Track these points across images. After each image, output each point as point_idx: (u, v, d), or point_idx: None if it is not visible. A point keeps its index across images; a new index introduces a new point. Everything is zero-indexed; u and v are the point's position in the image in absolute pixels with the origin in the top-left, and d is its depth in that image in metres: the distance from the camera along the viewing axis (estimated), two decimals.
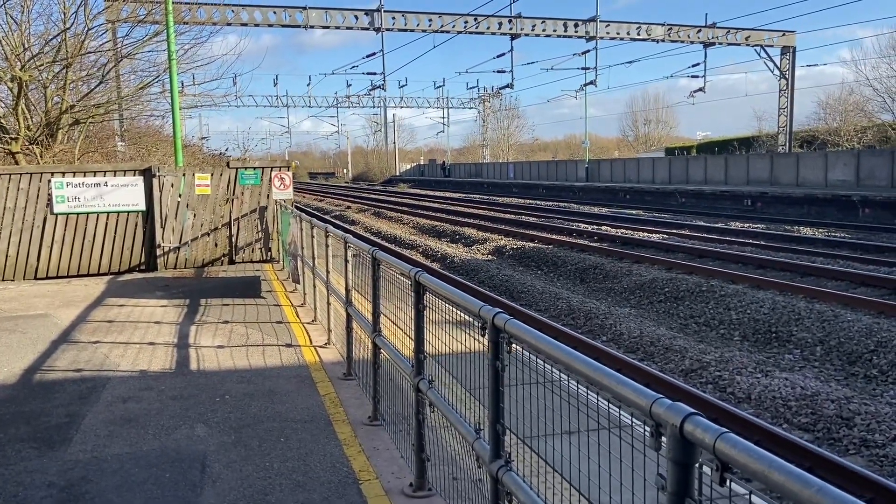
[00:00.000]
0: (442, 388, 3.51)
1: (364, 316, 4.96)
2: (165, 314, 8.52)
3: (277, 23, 29.80)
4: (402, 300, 4.04)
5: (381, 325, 4.59)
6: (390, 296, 4.37)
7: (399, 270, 3.91)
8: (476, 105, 67.26)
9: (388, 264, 4.28)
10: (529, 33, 31.68)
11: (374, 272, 4.53)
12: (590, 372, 1.93)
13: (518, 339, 2.43)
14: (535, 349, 2.26)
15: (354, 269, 5.50)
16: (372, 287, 4.54)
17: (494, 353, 2.60)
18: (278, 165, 12.99)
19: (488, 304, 3.09)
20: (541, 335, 2.27)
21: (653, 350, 10.11)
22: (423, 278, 3.46)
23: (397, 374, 4.28)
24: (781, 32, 34.66)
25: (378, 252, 4.46)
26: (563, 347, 2.11)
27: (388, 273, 4.36)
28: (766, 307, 11.50)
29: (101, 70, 13.66)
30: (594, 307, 12.56)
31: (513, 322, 2.49)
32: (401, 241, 23.78)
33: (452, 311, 3.25)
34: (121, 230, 12.27)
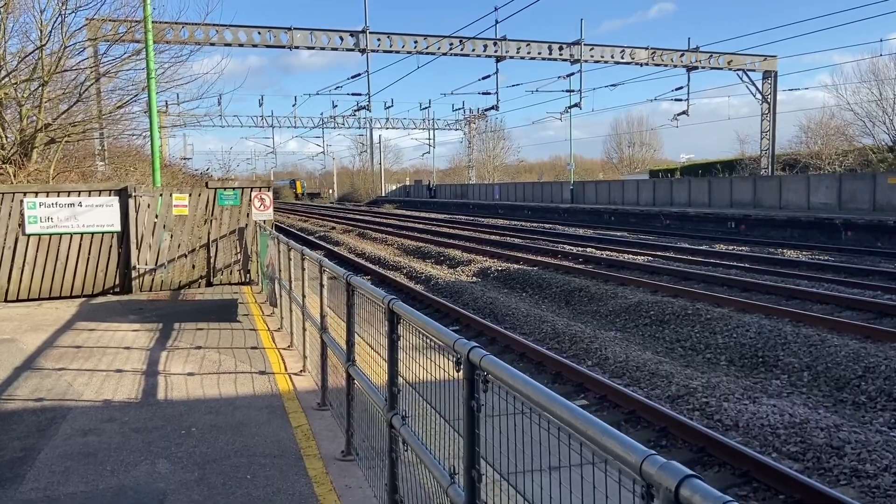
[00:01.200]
0: (416, 424, 3.28)
1: (339, 344, 4.73)
2: (136, 339, 8.22)
3: (262, 43, 29.71)
4: (381, 324, 3.81)
5: (356, 354, 4.36)
6: (370, 318, 4.14)
7: (373, 297, 3.69)
8: (462, 126, 67.47)
9: (363, 290, 4.06)
10: (514, 56, 31.79)
11: (349, 298, 4.32)
12: (573, 419, 1.73)
13: (495, 377, 2.21)
14: (513, 389, 2.05)
15: (331, 293, 5.28)
16: (346, 314, 4.32)
17: (469, 391, 2.39)
18: (258, 186, 12.76)
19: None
20: (519, 375, 2.06)
21: (639, 375, 9.92)
22: (396, 307, 3.25)
23: (372, 405, 4.05)
24: (763, 57, 35.06)
25: (353, 277, 4.25)
26: (544, 391, 1.90)
27: (365, 297, 4.14)
28: (752, 331, 11.37)
29: (79, 88, 13.41)
30: (579, 330, 12.37)
31: (489, 359, 2.29)
32: (385, 262, 23.53)
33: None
34: (95, 251, 11.96)
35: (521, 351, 11.29)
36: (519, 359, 11.08)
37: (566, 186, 48.06)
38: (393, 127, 66.70)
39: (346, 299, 4.32)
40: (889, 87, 37.85)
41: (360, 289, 4.09)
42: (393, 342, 3.35)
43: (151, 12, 12.18)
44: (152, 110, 12.63)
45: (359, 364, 4.33)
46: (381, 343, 3.84)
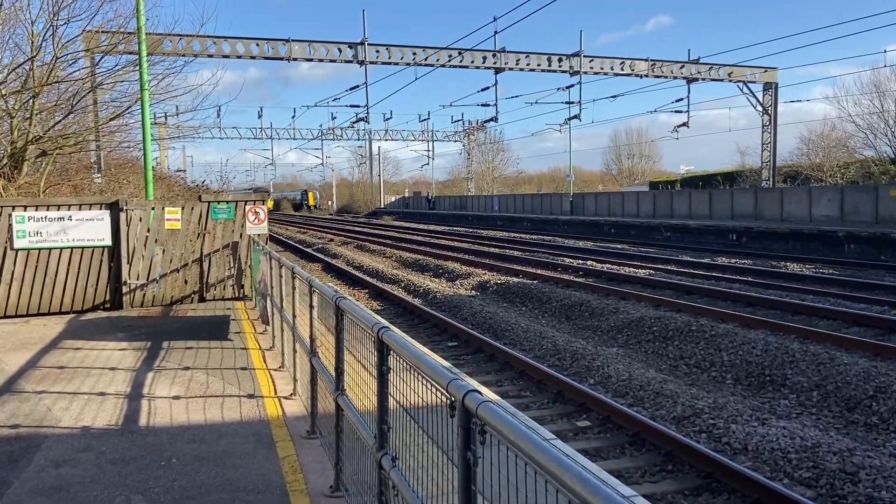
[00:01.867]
0: (410, 462, 2.99)
1: (328, 370, 4.45)
2: (123, 359, 7.93)
3: (260, 55, 29.56)
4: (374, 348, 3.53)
5: (346, 383, 4.08)
6: (364, 337, 3.85)
7: (362, 324, 3.41)
8: (461, 138, 67.36)
9: (352, 315, 3.79)
10: (514, 67, 31.65)
11: (338, 323, 4.04)
12: (583, 492, 1.44)
13: (494, 430, 1.92)
14: (516, 448, 1.76)
15: (322, 314, 5.00)
16: (335, 340, 4.04)
17: (465, 441, 2.10)
18: (253, 199, 12.51)
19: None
20: (524, 431, 1.77)
21: (643, 395, 9.62)
22: (387, 337, 2.97)
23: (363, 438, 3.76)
24: (763, 69, 34.94)
25: (342, 301, 3.98)
26: (551, 452, 1.62)
27: (355, 322, 3.86)
28: (758, 348, 11.08)
29: (70, 100, 13.19)
30: (581, 347, 12.08)
31: (487, 406, 1.98)
32: (383, 275, 23.25)
33: None
34: (85, 266, 11.68)
35: (521, 369, 11.01)
36: (519, 377, 10.79)
37: (566, 198, 47.85)
38: (392, 139, 66.63)
39: (335, 323, 4.05)
40: (891, 99, 37.75)
41: (350, 313, 3.81)
42: (383, 374, 3.08)
43: (145, 23, 11.97)
44: (145, 122, 12.39)
45: (349, 393, 4.05)
46: (374, 366, 3.56)
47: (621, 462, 7.59)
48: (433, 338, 13.80)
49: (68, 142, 13.51)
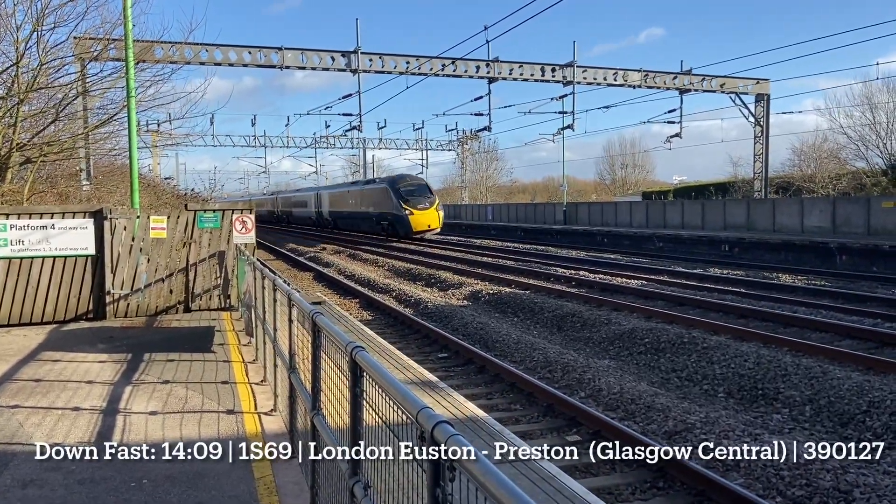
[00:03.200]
0: (385, 489, 2.83)
1: (306, 388, 4.29)
2: (101, 372, 7.74)
3: (253, 63, 29.41)
4: None
5: (322, 403, 3.92)
6: (341, 356, 3.69)
7: (337, 342, 3.26)
8: (455, 147, 67.35)
9: (328, 332, 3.63)
10: (507, 77, 31.62)
11: (315, 339, 3.89)
12: None
13: (464, 468, 1.75)
14: (482, 487, 1.61)
15: (302, 329, 4.84)
16: (312, 358, 3.88)
17: (433, 477, 1.94)
18: (239, 208, 12.33)
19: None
20: (494, 471, 1.61)
21: (634, 409, 9.47)
22: (360, 357, 2.82)
23: None
24: (756, 80, 35.03)
25: (318, 316, 3.82)
26: (524, 499, 1.46)
27: (331, 340, 3.70)
28: (750, 361, 10.95)
29: (56, 107, 13.01)
30: (572, 359, 11.94)
31: (457, 439, 1.82)
32: (375, 284, 23.08)
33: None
34: (68, 276, 11.47)
35: (511, 381, 10.85)
36: (509, 389, 10.64)
37: (559, 208, 47.80)
38: (386, 147, 66.51)
39: (311, 339, 3.89)
40: (883, 111, 37.88)
41: (326, 330, 3.65)
42: (356, 397, 2.92)
43: (132, 28, 11.82)
44: (131, 129, 12.22)
45: (325, 413, 3.88)
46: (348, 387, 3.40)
47: (612, 479, 7.43)
48: (423, 349, 13.64)
49: (53, 149, 13.33)
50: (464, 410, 7.26)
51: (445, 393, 8.07)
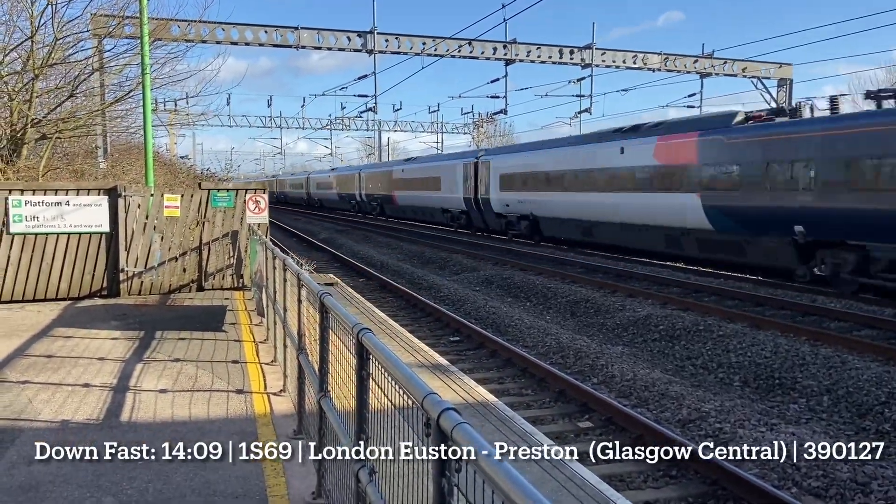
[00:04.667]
0: (391, 473, 2.75)
1: (314, 369, 4.22)
2: (113, 349, 7.73)
3: (269, 42, 29.26)
4: None
5: (330, 386, 3.84)
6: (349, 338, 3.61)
7: (344, 322, 3.18)
8: (470, 130, 67.00)
9: (336, 313, 3.54)
10: (524, 59, 31.24)
11: (322, 320, 3.80)
12: None
13: (469, 459, 1.65)
14: (489, 479, 1.51)
15: (311, 310, 4.77)
16: (320, 339, 3.80)
17: (439, 466, 1.84)
18: (253, 188, 12.28)
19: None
20: (503, 464, 1.51)
21: (647, 396, 9.36)
22: (366, 339, 2.73)
23: None
24: (779, 64, 34.40)
25: (326, 297, 3.73)
26: (529, 491, 1.36)
27: (338, 321, 3.62)
28: (767, 350, 10.79)
29: (72, 84, 12.98)
30: (585, 345, 11.83)
31: (464, 427, 1.72)
32: (387, 267, 23.04)
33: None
34: (82, 253, 11.49)
35: (523, 366, 10.77)
36: (521, 374, 10.56)
37: None
38: (401, 129, 66.33)
39: (319, 320, 3.81)
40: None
41: (334, 310, 3.57)
42: (362, 380, 2.84)
43: (147, 4, 11.75)
44: (146, 106, 12.17)
45: (332, 395, 3.81)
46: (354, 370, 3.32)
47: (624, 466, 7.34)
48: (435, 332, 13.58)
49: (68, 126, 13.32)
50: (474, 395, 7.19)
51: (456, 377, 8.00)
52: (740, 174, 17.41)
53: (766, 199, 16.45)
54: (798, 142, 15.90)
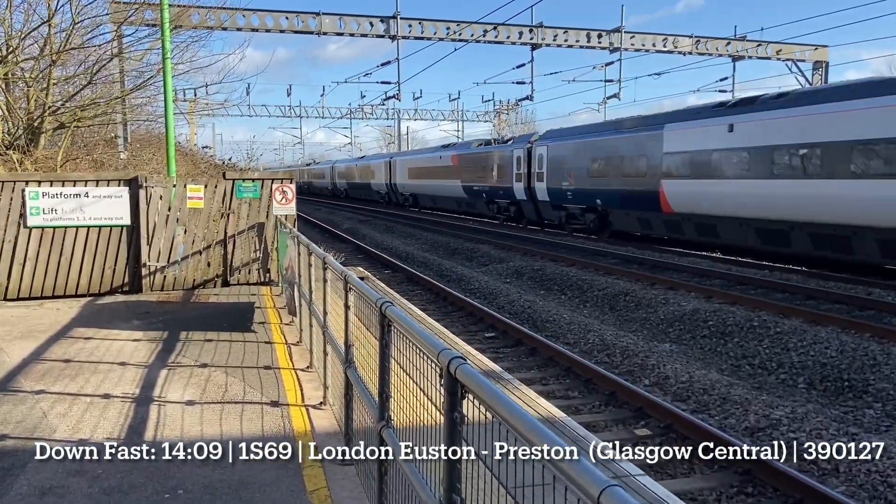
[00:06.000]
0: None
1: (369, 391, 3.58)
2: (135, 352, 7.17)
3: (290, 28, 28.65)
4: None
5: (391, 410, 3.20)
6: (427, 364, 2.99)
7: (425, 348, 2.55)
8: (491, 118, 66.06)
9: (404, 328, 2.89)
10: (551, 43, 30.34)
11: (383, 335, 3.15)
12: None
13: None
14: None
15: (361, 314, 4.12)
16: (379, 359, 3.16)
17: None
18: (279, 178, 11.67)
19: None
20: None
21: (707, 400, 8.65)
22: (461, 372, 2.09)
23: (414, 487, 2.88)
24: (814, 47, 33.18)
25: (390, 307, 3.08)
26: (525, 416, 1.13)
27: (411, 342, 2.97)
28: (832, 349, 10.02)
29: (90, 70, 12.44)
30: (631, 342, 11.12)
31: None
32: (413, 258, 22.43)
33: None
34: (102, 247, 10.96)
35: (566, 365, 10.10)
36: (565, 374, 9.89)
37: None
38: (421, 118, 65.63)
39: (378, 335, 3.16)
40: None
41: (400, 324, 2.91)
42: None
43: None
44: (167, 93, 11.60)
45: (395, 422, 3.17)
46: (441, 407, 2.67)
47: (692, 482, 6.65)
48: (468, 327, 12.95)
49: (87, 114, 12.80)
50: (521, 396, 6.50)
51: (497, 376, 7.36)
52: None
53: None
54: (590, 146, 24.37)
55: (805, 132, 15.73)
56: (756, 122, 17.39)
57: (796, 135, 16.00)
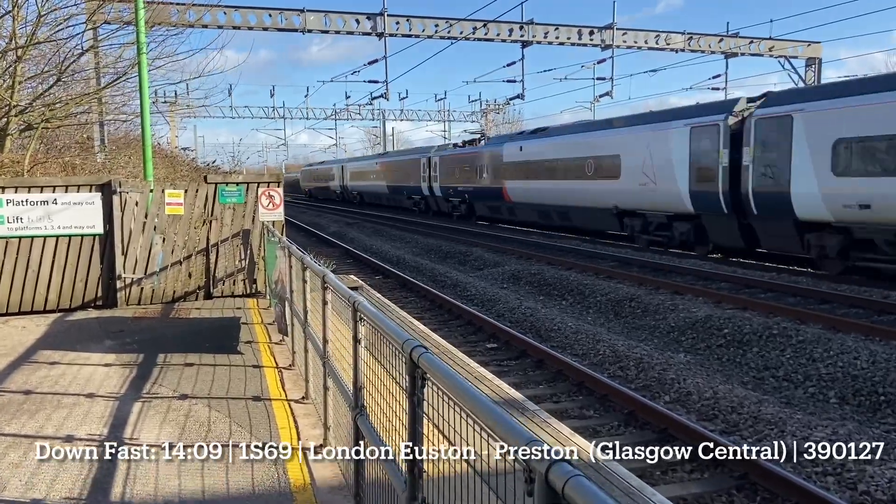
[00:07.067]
0: None
1: (394, 460, 2.80)
2: (106, 380, 6.34)
3: (273, 26, 27.73)
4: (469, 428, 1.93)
5: (424, 484, 2.43)
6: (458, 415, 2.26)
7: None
8: (478, 118, 65.34)
9: (446, 383, 2.13)
10: (542, 41, 29.66)
11: (414, 390, 2.39)
12: None
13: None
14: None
15: (373, 347, 3.34)
16: (410, 421, 2.39)
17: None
18: (266, 181, 10.85)
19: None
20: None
21: (736, 419, 7.95)
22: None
23: None
24: (807, 43, 32.76)
25: (426, 356, 2.31)
26: None
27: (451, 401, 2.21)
28: (862, 359, 9.36)
29: (60, 66, 11.54)
30: (644, 353, 10.42)
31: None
32: (405, 263, 21.65)
33: None
34: (73, 258, 10.09)
35: (578, 380, 9.39)
36: (577, 389, 9.17)
37: None
38: (407, 119, 64.76)
39: (408, 389, 2.40)
40: None
41: (440, 380, 2.15)
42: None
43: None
44: (143, 89, 10.74)
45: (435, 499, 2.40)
46: None
47: None
48: (468, 337, 12.22)
49: (56, 113, 11.90)
50: (536, 420, 5.75)
51: (507, 396, 6.62)
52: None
53: None
54: None
55: (560, 151, 25.78)
56: (537, 145, 27.49)
57: (557, 153, 26.04)
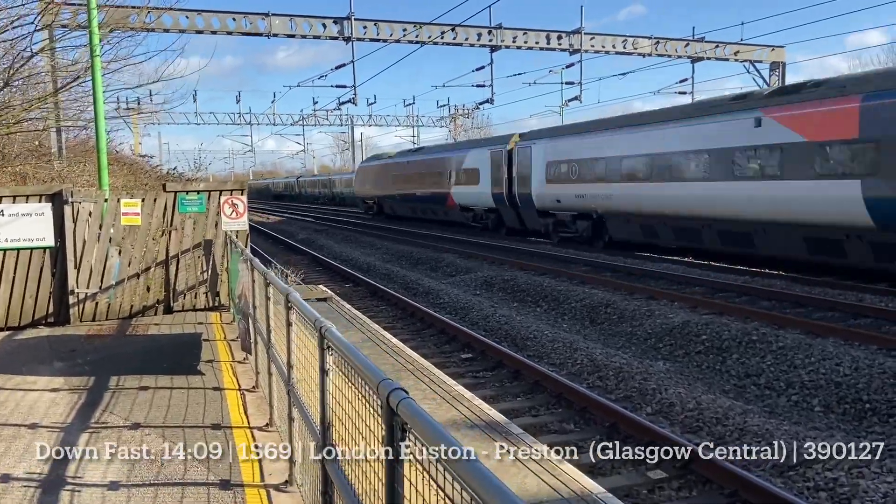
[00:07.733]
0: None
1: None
2: (52, 407, 5.82)
3: (237, 30, 27.11)
4: None
5: None
6: None
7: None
8: (447, 123, 65.10)
9: (419, 424, 1.75)
10: (510, 45, 29.49)
11: (393, 441, 2.01)
12: None
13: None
14: None
15: (346, 387, 2.93)
16: (387, 474, 2.00)
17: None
18: (229, 189, 10.35)
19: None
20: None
21: (721, 431, 7.69)
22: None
23: None
24: (771, 47, 33.13)
25: (406, 402, 1.94)
26: None
27: None
28: (844, 366, 9.19)
29: (7, 70, 10.89)
30: (623, 362, 10.16)
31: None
32: (375, 270, 21.21)
33: None
34: (21, 272, 9.47)
35: (556, 391, 9.07)
36: (555, 401, 8.85)
37: None
38: (376, 124, 64.21)
39: (384, 440, 2.02)
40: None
41: (426, 436, 1.77)
42: None
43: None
44: (97, 94, 10.16)
45: None
46: None
47: None
48: (442, 347, 11.85)
49: (5, 119, 11.24)
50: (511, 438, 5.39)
51: (483, 412, 6.25)
52: None
53: None
54: None
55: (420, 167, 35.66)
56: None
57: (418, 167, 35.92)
